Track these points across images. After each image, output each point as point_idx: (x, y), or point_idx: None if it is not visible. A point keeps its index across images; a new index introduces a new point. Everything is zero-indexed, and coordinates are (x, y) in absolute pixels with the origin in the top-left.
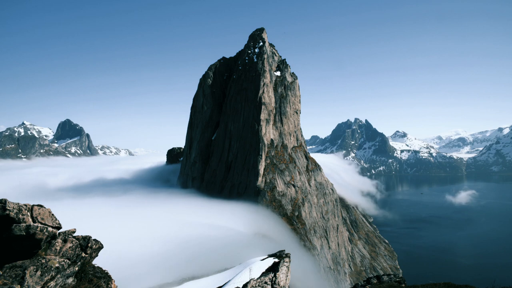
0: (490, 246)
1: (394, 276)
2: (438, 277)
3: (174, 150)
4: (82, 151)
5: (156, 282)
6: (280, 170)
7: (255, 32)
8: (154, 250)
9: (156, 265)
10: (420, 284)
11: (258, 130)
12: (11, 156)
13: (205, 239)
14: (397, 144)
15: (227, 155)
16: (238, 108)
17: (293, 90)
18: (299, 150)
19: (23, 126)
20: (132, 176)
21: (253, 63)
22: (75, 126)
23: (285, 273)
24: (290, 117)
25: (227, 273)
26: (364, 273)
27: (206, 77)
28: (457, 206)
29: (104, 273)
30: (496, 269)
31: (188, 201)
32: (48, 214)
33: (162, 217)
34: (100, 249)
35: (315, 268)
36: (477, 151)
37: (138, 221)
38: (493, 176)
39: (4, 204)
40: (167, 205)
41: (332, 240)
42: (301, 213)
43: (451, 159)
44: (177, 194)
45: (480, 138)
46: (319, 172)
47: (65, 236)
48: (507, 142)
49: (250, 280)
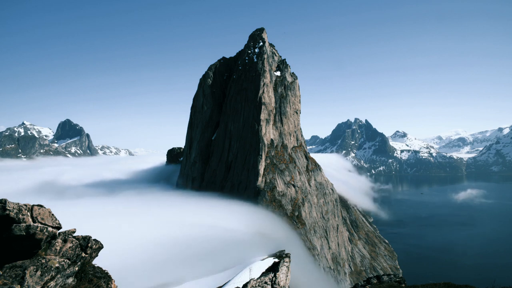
0: (490, 246)
1: (394, 276)
2: (438, 277)
3: (174, 150)
4: (82, 151)
5: (156, 282)
6: (280, 170)
7: (255, 32)
8: (154, 250)
9: (156, 265)
10: (420, 284)
11: (258, 130)
12: (11, 156)
13: (205, 239)
14: (397, 144)
15: (227, 155)
16: (238, 108)
17: (293, 90)
18: (299, 150)
19: (23, 126)
20: (132, 176)
21: (253, 63)
22: (75, 126)
23: (285, 273)
24: (290, 117)
25: (227, 273)
26: (364, 273)
27: (206, 77)
28: (457, 206)
29: (104, 273)
30: (496, 269)
31: (188, 201)
32: (48, 214)
33: (162, 217)
34: (100, 249)
35: (315, 268)
36: (477, 151)
37: (138, 221)
38: (493, 176)
39: (4, 204)
40: (167, 205)
41: (332, 240)
42: (301, 213)
43: (451, 159)
44: (177, 194)
45: (480, 138)
46: (319, 172)
47: (65, 236)
48: (507, 142)
49: (250, 280)
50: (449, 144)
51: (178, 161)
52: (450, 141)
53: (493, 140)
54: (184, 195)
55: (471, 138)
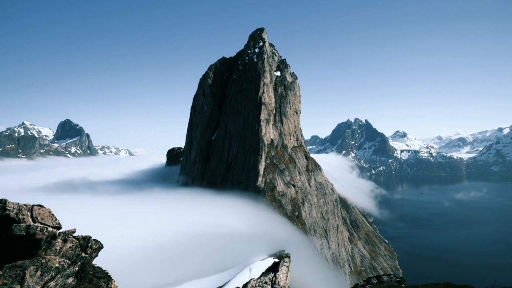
0: (490, 246)
1: (394, 276)
2: (438, 277)
3: (174, 150)
4: (82, 151)
5: (156, 282)
6: (280, 170)
7: (255, 32)
8: (154, 250)
9: (156, 265)
10: (420, 284)
11: (258, 130)
12: (11, 156)
13: (205, 239)
14: (397, 144)
15: (227, 155)
16: (238, 108)
17: (293, 90)
18: (299, 150)
19: (23, 126)
20: (132, 176)
21: (253, 63)
22: (75, 126)
23: (285, 273)
24: (290, 117)
25: (227, 273)
26: (364, 273)
27: (206, 77)
28: (457, 206)
29: (104, 273)
30: (496, 269)
31: (187, 200)
32: (48, 214)
33: (161, 217)
34: (100, 249)
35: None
36: (477, 151)
37: (137, 221)
38: (493, 176)
39: (4, 204)
40: (167, 205)
41: (332, 240)
42: (301, 213)
43: (451, 159)
44: (177, 193)
45: (480, 138)
46: (319, 172)
47: (65, 236)
48: (507, 142)
49: (250, 280)
50: (449, 144)
51: (178, 161)
52: (450, 141)
53: (493, 140)
54: (184, 194)
55: (471, 138)
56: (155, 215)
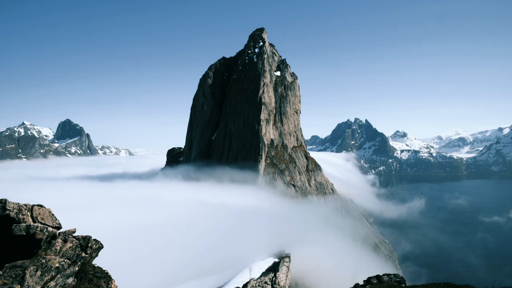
0: (490, 246)
1: (394, 276)
2: (438, 277)
3: (174, 150)
4: (82, 151)
5: (156, 282)
6: (280, 170)
7: (255, 32)
8: (154, 250)
9: (156, 265)
10: (420, 284)
11: (258, 130)
12: (11, 156)
13: (204, 239)
14: (397, 144)
15: (227, 155)
16: (238, 108)
17: (293, 90)
18: (299, 150)
19: (23, 126)
20: (132, 176)
21: (253, 63)
22: (75, 126)
23: (285, 273)
24: (290, 117)
25: (227, 273)
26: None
27: (206, 77)
28: (457, 205)
29: (104, 273)
30: (496, 269)
31: (187, 200)
32: (48, 214)
33: (161, 217)
34: (100, 249)
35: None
36: (477, 151)
37: (137, 221)
38: (493, 176)
39: (4, 204)
40: (166, 205)
41: None
42: None
43: (451, 159)
44: (176, 193)
45: (480, 138)
46: (319, 172)
47: (65, 236)
48: (507, 142)
49: (250, 280)
50: (449, 144)
51: (178, 161)
52: (450, 141)
53: (493, 140)
54: (184, 194)
55: (471, 138)
56: (154, 215)
